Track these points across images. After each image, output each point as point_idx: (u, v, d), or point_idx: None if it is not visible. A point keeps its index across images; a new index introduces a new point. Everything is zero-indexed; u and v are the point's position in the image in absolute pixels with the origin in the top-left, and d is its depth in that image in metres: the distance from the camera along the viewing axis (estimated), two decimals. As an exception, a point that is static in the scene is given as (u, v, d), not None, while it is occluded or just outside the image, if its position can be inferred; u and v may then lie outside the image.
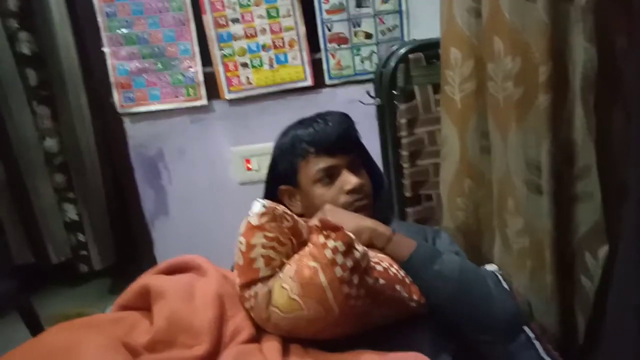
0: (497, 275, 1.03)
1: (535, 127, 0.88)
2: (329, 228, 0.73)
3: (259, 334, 0.79)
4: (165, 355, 0.73)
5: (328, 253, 0.71)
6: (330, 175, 0.97)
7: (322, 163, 0.97)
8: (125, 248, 2.15)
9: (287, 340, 0.77)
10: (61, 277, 2.25)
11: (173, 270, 0.89)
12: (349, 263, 0.71)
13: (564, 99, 0.82)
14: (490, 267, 1.13)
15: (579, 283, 0.88)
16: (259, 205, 0.79)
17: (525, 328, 0.90)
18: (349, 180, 0.96)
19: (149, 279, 0.85)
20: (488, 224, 1.21)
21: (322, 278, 0.71)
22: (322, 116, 1.02)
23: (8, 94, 1.95)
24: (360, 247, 0.74)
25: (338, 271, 0.71)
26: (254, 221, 0.78)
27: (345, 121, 1.01)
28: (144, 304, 0.83)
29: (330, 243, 0.72)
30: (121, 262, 2.18)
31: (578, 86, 0.80)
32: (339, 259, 0.71)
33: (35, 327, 1.67)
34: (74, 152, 2.02)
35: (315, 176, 0.98)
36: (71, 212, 2.05)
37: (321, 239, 0.73)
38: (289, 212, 0.81)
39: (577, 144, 0.83)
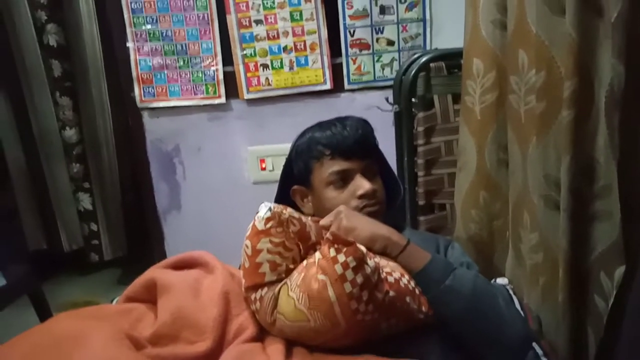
0: (508, 292, 1.01)
1: (556, 143, 0.87)
2: (340, 242, 0.72)
3: (263, 333, 0.78)
4: (168, 349, 0.73)
5: (338, 268, 0.70)
6: (343, 179, 0.97)
7: (336, 166, 0.97)
8: (136, 240, 2.17)
9: (291, 342, 0.76)
10: (72, 266, 2.28)
11: (181, 266, 0.89)
12: (359, 279, 0.70)
13: (587, 116, 0.80)
14: (501, 280, 1.11)
15: (592, 303, 0.86)
16: (265, 209, 0.78)
17: (535, 345, 0.88)
18: (362, 185, 0.95)
19: (156, 272, 0.86)
20: (501, 238, 1.20)
21: (331, 293, 0.70)
22: (341, 120, 1.01)
23: (33, 84, 1.99)
24: (371, 262, 0.73)
25: (347, 287, 0.70)
26: (260, 225, 0.77)
27: (363, 127, 1.01)
28: (150, 297, 0.84)
29: (341, 257, 0.71)
30: (132, 254, 2.20)
31: (603, 103, 0.78)
32: (349, 274, 0.70)
33: (45, 313, 1.69)
34: (93, 143, 2.05)
35: (328, 178, 0.97)
36: (86, 202, 2.08)
37: (332, 252, 0.72)
38: (296, 215, 0.80)
39: (598, 162, 0.81)
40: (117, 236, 2.16)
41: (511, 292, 1.04)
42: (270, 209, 0.78)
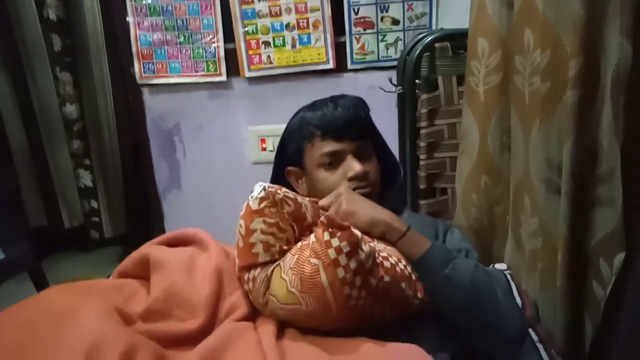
0: (506, 277, 1.00)
1: (560, 125, 0.84)
2: (335, 226, 0.71)
3: (255, 313, 0.78)
4: (159, 326, 0.73)
5: (331, 253, 0.69)
6: (334, 160, 0.95)
7: (327, 147, 0.95)
8: (136, 218, 2.16)
9: (283, 323, 0.76)
10: (73, 243, 2.28)
11: (175, 242, 0.89)
12: (353, 265, 0.69)
13: (592, 97, 0.78)
14: (500, 266, 1.10)
15: (590, 289, 0.85)
16: (259, 189, 0.77)
17: (530, 330, 0.87)
18: (352, 166, 0.93)
19: (150, 248, 0.85)
20: (501, 223, 1.18)
21: (323, 277, 0.69)
22: (334, 100, 0.99)
23: (33, 58, 1.96)
24: (366, 248, 0.71)
25: (340, 272, 0.69)
26: (254, 205, 0.76)
27: (356, 106, 0.98)
28: (143, 273, 0.83)
29: (335, 242, 0.69)
30: (132, 232, 2.20)
31: (609, 84, 0.75)
32: (342, 259, 0.69)
33: (43, 289, 1.70)
34: (93, 120, 2.03)
35: (319, 160, 0.96)
36: (86, 179, 2.07)
37: (326, 236, 0.70)
38: (291, 195, 0.79)
39: (602, 146, 0.79)
40: (117, 214, 2.16)
41: (509, 278, 1.03)
42: (264, 189, 0.77)
